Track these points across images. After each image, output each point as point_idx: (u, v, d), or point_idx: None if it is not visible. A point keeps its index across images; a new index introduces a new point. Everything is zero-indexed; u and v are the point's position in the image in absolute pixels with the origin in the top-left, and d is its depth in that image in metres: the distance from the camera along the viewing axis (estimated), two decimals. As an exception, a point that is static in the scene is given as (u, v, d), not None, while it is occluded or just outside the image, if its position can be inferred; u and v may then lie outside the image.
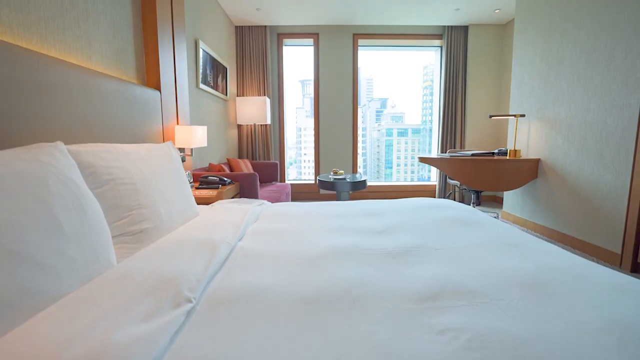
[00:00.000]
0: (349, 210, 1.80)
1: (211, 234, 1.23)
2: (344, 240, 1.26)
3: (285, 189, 3.65)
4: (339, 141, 4.87)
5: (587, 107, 2.64)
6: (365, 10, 4.12)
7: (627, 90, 2.31)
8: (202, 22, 3.25)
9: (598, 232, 2.54)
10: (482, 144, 4.73)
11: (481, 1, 3.85)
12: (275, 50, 4.71)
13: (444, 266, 0.99)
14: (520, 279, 0.88)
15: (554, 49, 2.98)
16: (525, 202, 3.38)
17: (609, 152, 2.45)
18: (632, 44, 2.27)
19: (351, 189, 3.12)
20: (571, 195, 2.80)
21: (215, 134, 3.66)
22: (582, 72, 2.68)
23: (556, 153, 2.97)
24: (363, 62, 4.97)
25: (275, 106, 4.81)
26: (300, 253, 1.13)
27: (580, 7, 2.70)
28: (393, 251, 1.14)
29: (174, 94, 2.32)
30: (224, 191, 2.31)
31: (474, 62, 4.64)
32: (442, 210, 1.67)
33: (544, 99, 3.11)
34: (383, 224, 1.48)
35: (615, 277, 0.90)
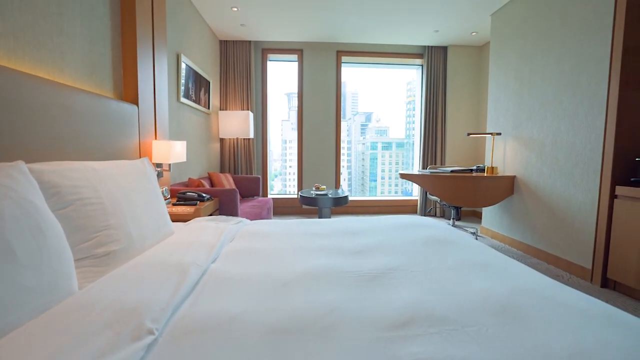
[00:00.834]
0: (328, 228, 1.79)
1: (183, 255, 1.19)
2: (321, 262, 1.25)
3: (267, 204, 3.62)
4: (322, 156, 4.89)
5: (558, 128, 2.75)
6: (349, 29, 4.23)
7: (593, 113, 2.43)
8: (186, 36, 3.24)
9: (570, 248, 2.62)
10: (462, 160, 4.85)
11: (458, 24, 4.02)
12: (259, 65, 4.74)
13: (418, 290, 0.99)
14: (491, 303, 0.88)
15: (527, 72, 3.12)
16: (502, 218, 3.47)
17: (578, 172, 2.55)
18: (596, 72, 2.41)
19: (333, 205, 3.12)
20: (545, 212, 2.89)
21: (196, 148, 3.61)
22: (552, 95, 2.81)
23: (530, 171, 3.07)
24: (348, 76, 5.08)
25: (258, 120, 4.81)
26: (276, 276, 1.10)
27: (548, 36, 2.86)
28: (369, 273, 1.13)
29: (153, 109, 2.28)
30: (202, 208, 2.26)
31: (453, 81, 4.80)
32: (419, 230, 1.69)
33: (519, 118, 3.24)
34: (361, 244, 1.48)
35: (582, 300, 0.92)
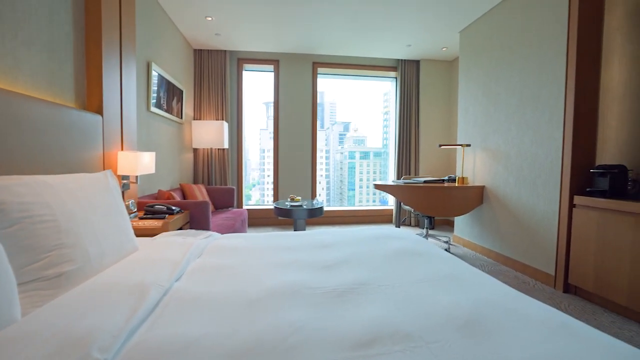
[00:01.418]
0: (300, 242, 1.77)
1: (144, 274, 1.13)
2: (289, 278, 1.22)
3: (241, 216, 3.54)
4: (298, 166, 4.88)
5: (522, 140, 2.89)
6: (325, 42, 4.29)
7: (552, 125, 2.57)
8: (157, 44, 3.17)
9: (535, 256, 2.73)
10: (435, 170, 4.98)
11: (430, 40, 4.17)
12: (235, 75, 4.70)
13: (385, 306, 0.98)
14: (455, 318, 0.89)
15: (493, 86, 3.27)
16: (473, 227, 3.57)
17: (541, 182, 2.68)
18: (554, 87, 2.56)
19: (308, 216, 3.10)
20: (512, 221, 3.00)
21: (167, 159, 3.50)
22: (516, 108, 2.96)
23: (498, 181, 3.20)
24: (327, 86, 5.17)
25: (233, 130, 4.74)
26: (242, 294, 1.07)
27: (511, 52, 3.02)
28: (337, 289, 1.12)
29: (119, 118, 2.19)
30: (171, 221, 2.18)
31: (426, 94, 4.96)
32: (390, 242, 1.70)
33: (486, 130, 3.38)
34: (332, 258, 1.46)
35: (542, 311, 0.95)
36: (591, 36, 2.40)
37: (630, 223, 1.97)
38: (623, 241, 2.02)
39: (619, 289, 2.04)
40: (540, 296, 2.38)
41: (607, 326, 1.96)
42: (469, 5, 3.24)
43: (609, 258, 2.11)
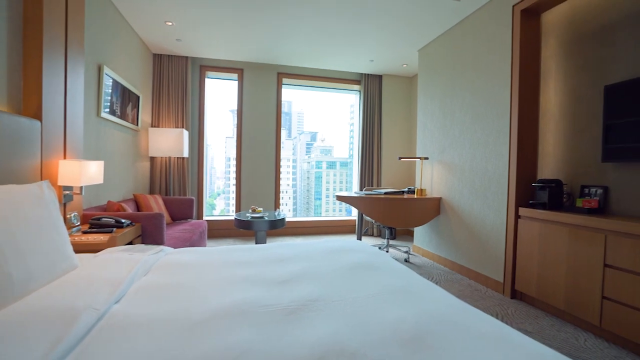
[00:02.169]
0: (256, 256, 1.72)
1: (77, 297, 1.03)
2: (240, 296, 1.18)
3: (200, 228, 3.40)
4: (261, 177, 4.81)
5: (474, 155, 3.07)
6: (289, 53, 4.32)
7: (500, 141, 2.76)
8: (111, 46, 3.00)
9: (487, 264, 2.88)
10: (397, 182, 5.14)
11: (391, 56, 4.35)
12: (196, 82, 4.57)
13: (335, 323, 0.97)
14: (401, 333, 0.90)
15: (449, 103, 3.46)
16: (431, 237, 3.71)
17: (491, 194, 2.85)
18: (500, 107, 2.76)
19: (269, 228, 3.05)
20: (466, 231, 3.16)
21: (120, 168, 3.29)
22: (469, 124, 3.14)
23: (453, 193, 3.36)
24: (294, 96, 5.16)
25: (194, 139, 4.59)
26: (185, 316, 1.01)
27: (463, 72, 3.22)
28: (289, 306, 1.10)
29: (62, 124, 2.03)
30: (119, 235, 2.03)
31: (388, 107, 5.14)
32: (347, 255, 1.70)
33: (443, 144, 3.55)
34: (287, 273, 1.44)
35: (483, 323, 0.99)
36: (530, 63, 2.64)
37: (565, 233, 2.15)
38: (560, 250, 2.19)
39: (557, 294, 2.20)
40: (490, 303, 2.51)
41: (547, 329, 2.09)
42: (426, 26, 3.43)
43: (548, 265, 2.27)
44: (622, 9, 2.12)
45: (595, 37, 2.27)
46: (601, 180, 2.23)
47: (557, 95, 2.52)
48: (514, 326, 2.13)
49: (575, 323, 2.16)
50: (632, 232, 1.79)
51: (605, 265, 1.92)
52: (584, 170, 2.34)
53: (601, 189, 2.20)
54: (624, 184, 2.10)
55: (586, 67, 2.33)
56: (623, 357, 1.79)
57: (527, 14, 2.61)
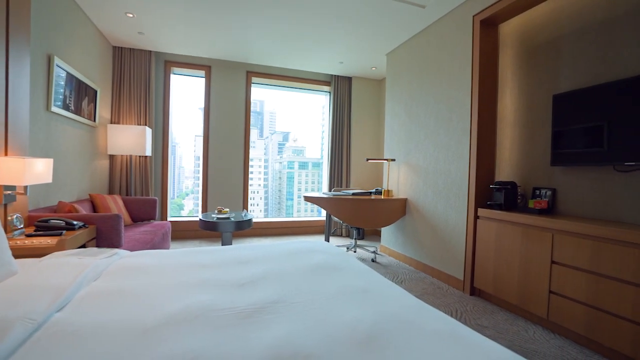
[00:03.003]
0: (217, 258, 1.67)
1: (11, 307, 0.95)
2: (197, 300, 1.14)
3: (162, 229, 3.26)
4: (229, 177, 4.71)
5: (438, 158, 3.19)
6: (259, 51, 4.25)
7: (461, 146, 2.88)
8: (64, 36, 2.80)
9: (449, 262, 2.99)
10: (365, 182, 5.23)
11: (360, 59, 4.42)
12: (161, 78, 4.39)
13: (292, 325, 0.96)
14: (358, 333, 0.91)
15: (414, 107, 3.57)
16: (397, 237, 3.80)
17: (453, 195, 2.97)
18: (461, 112, 2.89)
19: (235, 229, 2.99)
20: (430, 231, 3.27)
21: (73, 166, 3.08)
22: (433, 128, 3.26)
23: (418, 194, 3.47)
24: (266, 95, 5.08)
25: (158, 137, 4.40)
26: (135, 323, 0.96)
27: (428, 78, 3.34)
28: (247, 309, 1.07)
29: (3, 119, 1.86)
30: (70, 238, 1.90)
31: (357, 109, 5.21)
32: (311, 256, 1.70)
33: (409, 147, 3.65)
34: (248, 275, 1.41)
35: (437, 321, 1.02)
36: (489, 71, 2.78)
37: (518, 232, 2.28)
38: (513, 248, 2.32)
39: (511, 290, 2.33)
40: (451, 300, 2.61)
41: (502, 323, 2.21)
42: (393, 31, 3.52)
43: (503, 263, 2.40)
44: (564, 25, 2.30)
45: (545, 50, 2.44)
46: (550, 182, 2.39)
47: (513, 103, 2.68)
48: (472, 322, 2.23)
49: (526, 317, 2.30)
50: (574, 231, 1.93)
51: (552, 262, 2.06)
52: (536, 173, 2.49)
53: (550, 191, 2.36)
54: (570, 187, 2.26)
55: (538, 77, 2.49)
56: (566, 346, 1.93)
57: (485, 24, 2.75)
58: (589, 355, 1.85)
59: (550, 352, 1.87)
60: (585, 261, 1.87)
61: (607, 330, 1.76)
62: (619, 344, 1.71)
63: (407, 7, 3.01)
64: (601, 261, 1.80)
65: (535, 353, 1.86)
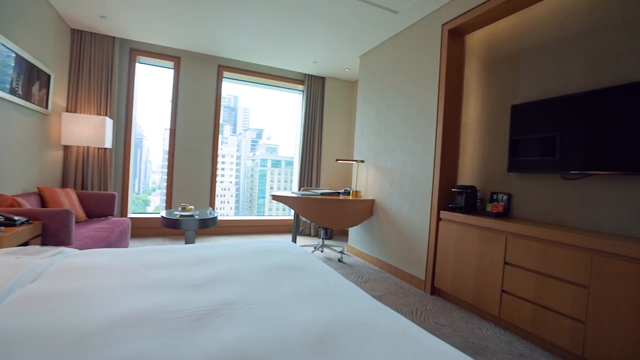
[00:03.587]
0: (175, 257, 1.61)
1: None
2: (147, 301, 1.08)
3: (121, 226, 3.09)
4: (196, 174, 4.56)
5: (404, 161, 3.27)
6: (231, 46, 4.15)
7: (427, 150, 2.97)
8: (11, 13, 2.58)
9: (413, 263, 3.08)
10: (335, 182, 5.26)
11: (334, 59, 4.43)
12: (125, 66, 4.16)
13: (246, 328, 0.94)
14: (310, 335, 0.90)
15: (384, 110, 3.64)
16: (364, 237, 3.86)
17: (417, 198, 3.06)
18: (428, 118, 2.98)
19: (199, 227, 2.89)
20: (395, 232, 3.34)
21: (19, 156, 2.84)
22: (401, 132, 3.33)
23: (385, 196, 3.54)
24: (240, 91, 4.96)
25: (121, 128, 4.17)
26: (71, 329, 0.89)
27: (399, 81, 3.41)
28: (200, 311, 1.04)
29: None
30: (8, 235, 1.75)
31: (330, 110, 5.23)
32: (275, 256, 1.68)
33: (378, 149, 3.72)
34: (206, 276, 1.36)
35: (390, 322, 1.04)
36: (455, 79, 2.89)
37: (476, 234, 2.39)
38: (471, 250, 2.43)
39: (467, 290, 2.44)
40: (412, 299, 2.68)
41: (458, 321, 2.31)
42: (367, 34, 3.56)
43: (462, 264, 2.51)
44: (523, 41, 2.44)
45: (506, 62, 2.57)
46: (507, 188, 2.53)
47: (476, 111, 2.80)
48: (430, 320, 2.31)
49: (480, 315, 2.41)
50: (524, 234, 2.05)
51: (505, 263, 2.17)
52: (494, 179, 2.62)
53: (506, 196, 2.50)
54: (524, 192, 2.40)
55: (499, 88, 2.62)
56: (514, 341, 2.05)
57: (453, 34, 2.85)
58: (533, 349, 1.97)
59: (500, 348, 1.97)
60: (533, 262, 1.99)
61: (550, 326, 1.89)
62: (559, 338, 1.83)
63: (380, 11, 3.05)
64: (547, 262, 1.92)
65: (487, 349, 1.95)
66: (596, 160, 1.93)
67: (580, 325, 1.74)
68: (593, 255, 1.71)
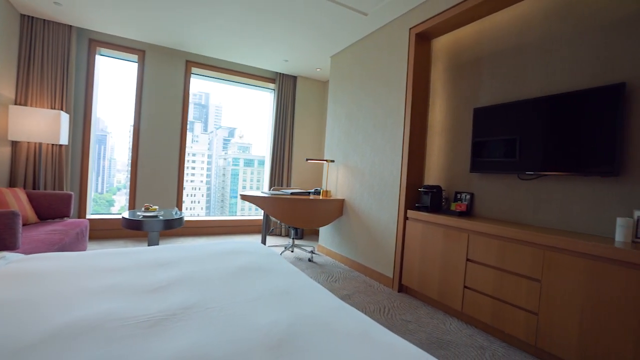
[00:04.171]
0: (135, 260, 1.53)
1: None
2: (98, 308, 1.02)
3: (77, 228, 2.90)
4: (162, 173, 4.37)
5: (374, 161, 3.32)
6: (199, 41, 4.02)
7: (395, 151, 3.04)
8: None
9: (381, 261, 3.14)
10: (306, 182, 5.25)
11: (305, 59, 4.42)
12: (84, 58, 3.91)
13: (204, 332, 0.91)
14: (271, 337, 0.89)
15: (354, 110, 3.67)
16: (334, 237, 3.88)
17: (386, 197, 3.12)
18: (396, 119, 3.04)
19: (164, 228, 2.77)
20: (364, 231, 3.39)
21: (-40, 152, 2.59)
22: (371, 132, 3.38)
23: (355, 195, 3.58)
24: (212, 88, 4.81)
25: (79, 124, 3.92)
26: (8, 341, 0.81)
27: (369, 83, 3.46)
28: (154, 317, 0.99)
29: None
30: (-58, 239, 1.58)
31: (301, 109, 5.22)
32: (240, 257, 1.64)
33: (348, 149, 3.75)
34: (165, 279, 1.31)
35: (352, 321, 1.04)
36: (422, 82, 2.97)
37: (441, 233, 2.47)
38: (436, 247, 2.51)
39: (433, 286, 2.52)
40: (380, 297, 2.73)
41: (423, 317, 2.38)
42: (337, 34, 3.58)
43: (427, 261, 2.58)
44: (485, 47, 2.55)
45: (469, 67, 2.68)
46: (470, 187, 2.63)
47: (442, 113, 2.90)
48: (397, 317, 2.36)
49: (445, 310, 2.50)
50: (484, 231, 2.15)
51: (467, 259, 2.26)
52: (459, 179, 2.73)
53: (469, 195, 2.60)
54: (485, 192, 2.51)
55: (462, 91, 2.73)
56: (475, 335, 2.14)
57: (420, 38, 2.93)
58: (493, 341, 2.07)
59: (462, 341, 2.05)
60: (493, 258, 2.09)
61: (507, 319, 1.99)
62: (516, 329, 1.94)
63: (350, 12, 3.08)
64: (505, 258, 2.02)
65: (450, 343, 2.02)
66: (550, 161, 2.06)
67: (534, 317, 1.85)
68: (545, 250, 1.82)
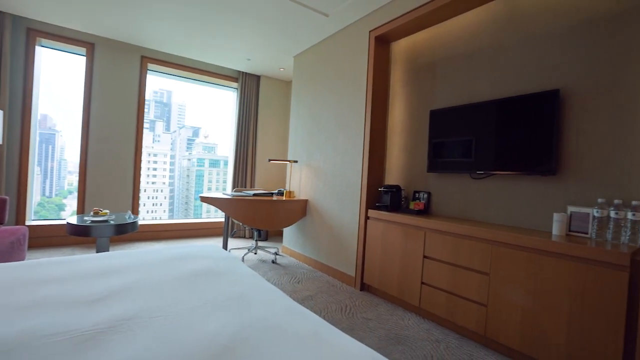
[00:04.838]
0: (76, 269, 1.41)
1: None
2: (24, 325, 0.92)
3: (12, 236, 2.64)
4: (115, 175, 4.11)
5: (336, 161, 3.34)
6: (156, 35, 3.83)
7: (356, 151, 3.08)
8: None
9: (344, 261, 3.17)
10: (269, 183, 5.19)
11: (267, 58, 4.36)
12: (21, 49, 3.58)
13: (142, 345, 0.85)
14: (215, 345, 0.85)
15: (317, 109, 3.68)
16: (298, 237, 3.87)
17: (348, 197, 3.16)
18: (357, 120, 3.09)
19: (115, 233, 2.60)
20: (327, 231, 3.41)
21: None
22: (333, 132, 3.41)
23: (318, 195, 3.58)
24: (175, 86, 4.62)
25: (16, 122, 3.57)
26: None
27: (331, 83, 3.48)
28: (90, 331, 0.91)
29: None
30: None
31: (264, 109, 5.14)
32: (194, 262, 1.58)
33: (311, 149, 3.75)
34: (107, 289, 1.22)
35: (302, 323, 1.03)
36: (381, 84, 3.04)
37: (400, 231, 2.54)
38: (396, 246, 2.57)
39: (392, 284, 2.58)
40: (343, 296, 2.76)
41: (384, 314, 2.43)
42: (299, 35, 3.57)
43: (387, 260, 2.64)
44: (439, 52, 2.67)
45: (425, 70, 2.78)
46: (427, 186, 2.73)
47: (401, 114, 2.98)
48: (358, 315, 2.39)
49: (404, 306, 2.57)
50: (440, 229, 2.24)
51: (424, 256, 2.34)
52: (417, 178, 2.82)
53: (426, 194, 2.70)
54: (440, 190, 2.62)
55: (419, 93, 2.82)
56: (431, 329, 2.22)
57: (380, 40, 3.00)
58: (447, 334, 2.16)
59: (419, 336, 2.12)
60: (447, 255, 2.18)
61: (460, 312, 2.08)
62: (468, 321, 2.04)
63: (312, 13, 3.08)
64: (458, 254, 2.12)
65: (407, 338, 2.08)
66: (499, 162, 2.19)
67: (483, 309, 1.96)
68: (492, 245, 1.93)
